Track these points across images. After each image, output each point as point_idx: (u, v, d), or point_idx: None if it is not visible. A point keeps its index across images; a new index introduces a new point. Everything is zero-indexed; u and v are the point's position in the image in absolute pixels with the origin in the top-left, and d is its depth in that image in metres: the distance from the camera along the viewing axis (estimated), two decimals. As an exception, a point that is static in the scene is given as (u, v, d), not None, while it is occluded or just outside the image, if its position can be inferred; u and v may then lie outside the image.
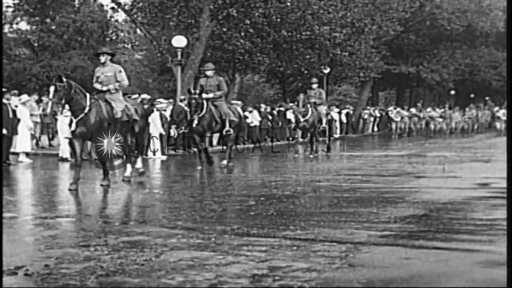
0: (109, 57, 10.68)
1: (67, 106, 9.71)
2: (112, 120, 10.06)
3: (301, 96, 18.02)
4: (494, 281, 4.47)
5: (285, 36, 27.53)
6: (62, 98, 9.42)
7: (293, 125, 18.68)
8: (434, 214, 7.31)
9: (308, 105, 17.44)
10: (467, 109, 36.26)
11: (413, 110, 35.70)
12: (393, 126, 33.05)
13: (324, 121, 18.19)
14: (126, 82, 10.56)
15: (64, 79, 9.50)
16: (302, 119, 17.41)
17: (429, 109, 37.14)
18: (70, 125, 9.83)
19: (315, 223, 6.69)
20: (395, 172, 12.90)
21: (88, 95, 9.87)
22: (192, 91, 13.36)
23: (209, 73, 13.87)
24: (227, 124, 13.60)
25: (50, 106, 9.52)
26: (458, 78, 43.94)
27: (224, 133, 13.84)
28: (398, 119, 32.87)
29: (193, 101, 13.10)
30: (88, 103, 9.72)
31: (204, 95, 13.30)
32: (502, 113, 32.76)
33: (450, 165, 14.43)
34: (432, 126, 34.44)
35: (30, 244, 5.86)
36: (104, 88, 10.34)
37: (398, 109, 35.02)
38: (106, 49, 11.47)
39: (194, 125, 13.22)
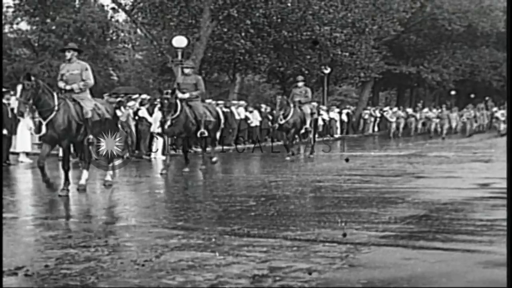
0: (75, 54, 10.04)
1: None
2: (82, 120, 9.53)
3: (279, 98, 16.64)
4: (494, 281, 4.47)
5: (286, 36, 27.56)
6: (30, 98, 8.85)
7: (276, 125, 16.97)
8: (434, 214, 7.30)
9: (291, 105, 16.24)
10: (465, 109, 36.21)
11: (409, 110, 35.65)
12: (389, 126, 33.03)
13: (308, 121, 16.71)
14: (91, 81, 9.93)
15: (32, 78, 9.02)
16: (283, 120, 16.14)
17: (426, 109, 37.10)
18: (40, 127, 9.23)
19: (315, 224, 6.69)
20: (395, 172, 12.89)
21: (55, 94, 9.37)
22: (164, 90, 12.66)
23: (187, 71, 13.17)
24: (202, 126, 12.87)
25: (17, 106, 8.92)
26: (458, 79, 43.90)
27: (198, 135, 13.03)
28: (394, 119, 32.85)
29: (165, 101, 12.34)
30: (56, 103, 9.21)
31: (180, 95, 12.62)
32: (500, 113, 32.71)
33: (450, 165, 14.43)
34: (428, 127, 34.41)
35: (30, 245, 5.86)
36: (68, 87, 9.72)
37: (395, 109, 35.00)
38: (72, 44, 10.71)
39: (166, 126, 12.47)
